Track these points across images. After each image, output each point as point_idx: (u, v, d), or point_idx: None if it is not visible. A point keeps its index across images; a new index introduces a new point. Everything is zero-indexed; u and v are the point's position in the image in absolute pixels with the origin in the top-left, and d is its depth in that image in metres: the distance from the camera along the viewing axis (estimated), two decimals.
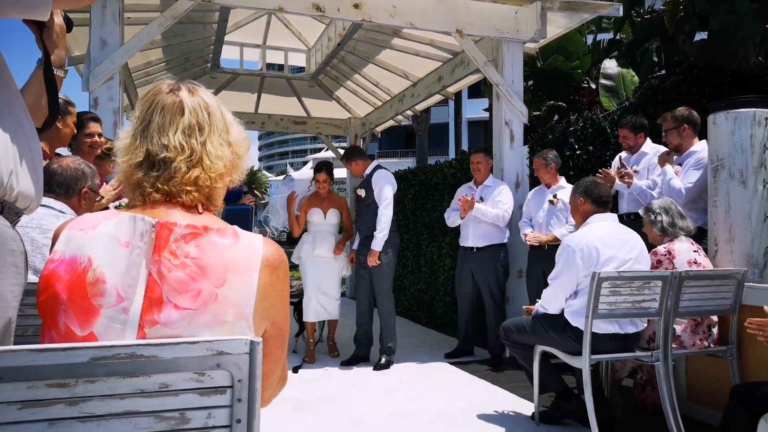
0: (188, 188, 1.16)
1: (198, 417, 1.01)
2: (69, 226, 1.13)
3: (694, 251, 3.27)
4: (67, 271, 1.07)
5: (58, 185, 2.29)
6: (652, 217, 3.36)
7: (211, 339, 1.01)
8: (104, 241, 1.09)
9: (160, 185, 1.15)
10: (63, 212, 2.23)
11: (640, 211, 3.50)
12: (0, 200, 1.30)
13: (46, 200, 2.22)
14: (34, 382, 0.92)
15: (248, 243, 1.14)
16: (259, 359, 1.04)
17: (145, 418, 0.99)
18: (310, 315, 4.95)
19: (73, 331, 1.05)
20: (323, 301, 4.95)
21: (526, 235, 4.68)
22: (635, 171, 4.21)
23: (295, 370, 4.57)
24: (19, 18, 1.32)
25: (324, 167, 5.08)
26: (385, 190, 4.74)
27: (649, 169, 4.25)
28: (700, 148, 3.93)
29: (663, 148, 4.26)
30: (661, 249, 3.27)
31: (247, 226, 4.75)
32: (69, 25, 1.48)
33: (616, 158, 4.56)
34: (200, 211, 1.17)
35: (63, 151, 3.13)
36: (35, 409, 0.93)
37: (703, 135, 3.69)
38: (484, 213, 4.82)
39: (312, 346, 4.95)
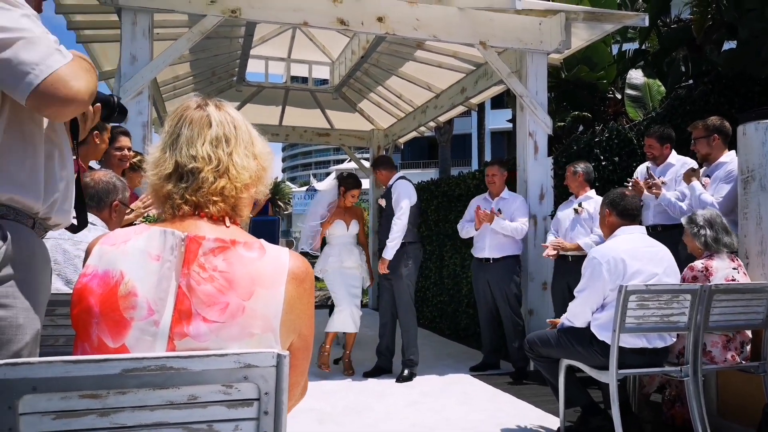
0: (215, 198, 1.19)
1: (225, 429, 1.03)
2: (101, 241, 1.16)
3: (734, 268, 3.20)
4: (100, 284, 1.10)
5: (90, 198, 2.34)
6: (695, 229, 3.28)
7: (239, 352, 1.03)
8: (136, 255, 1.12)
9: (188, 196, 1.18)
10: (94, 224, 2.28)
11: (683, 221, 3.40)
12: (32, 216, 1.34)
13: None
14: (67, 392, 0.95)
15: (275, 256, 1.16)
16: (285, 372, 1.05)
17: (174, 430, 1.00)
18: (338, 325, 4.87)
19: (106, 343, 1.07)
20: (354, 313, 4.91)
21: (546, 246, 4.63)
22: (663, 182, 4.14)
23: (336, 362, 4.99)
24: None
25: (358, 183, 5.10)
26: (401, 201, 4.75)
27: (676, 181, 4.18)
28: (729, 159, 3.85)
29: (689, 160, 4.19)
30: (698, 264, 3.21)
31: (273, 238, 4.78)
32: (124, 112, 1.51)
33: (642, 167, 4.49)
34: (227, 225, 1.20)
35: (93, 164, 3.21)
36: (68, 419, 0.96)
37: (732, 146, 3.63)
38: (503, 227, 4.80)
39: (328, 352, 4.87)
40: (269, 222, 4.67)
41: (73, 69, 1.24)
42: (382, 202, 4.96)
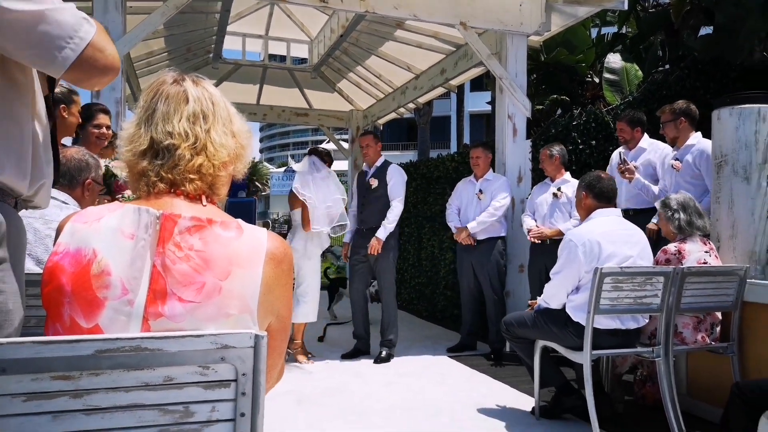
0: (191, 176, 1.16)
1: (202, 410, 1.01)
2: (73, 219, 1.12)
3: (705, 251, 3.26)
4: (72, 263, 1.07)
5: (62, 176, 2.28)
6: (669, 213, 3.33)
7: (215, 332, 1.01)
8: (109, 233, 1.08)
9: (164, 173, 1.15)
10: (66, 203, 2.23)
11: (657, 205, 3.47)
12: (16, 197, 1.29)
13: (52, 192, 2.22)
14: (38, 374, 0.92)
15: (252, 236, 1.14)
16: (263, 353, 1.04)
17: (149, 411, 0.98)
18: (303, 316, 4.64)
19: (79, 324, 1.05)
20: (316, 304, 4.82)
21: (529, 231, 4.67)
22: (635, 167, 4.20)
23: (321, 338, 5.25)
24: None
25: (331, 159, 5.00)
26: (400, 187, 4.81)
27: (660, 165, 4.20)
28: (696, 141, 3.96)
29: (662, 145, 4.25)
30: (671, 248, 3.26)
31: (250, 220, 4.64)
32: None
33: (615, 153, 4.55)
34: (204, 203, 1.18)
35: (68, 141, 3.13)
36: (40, 401, 0.93)
37: (707, 130, 3.68)
38: (483, 222, 4.85)
39: (302, 346, 4.70)
40: (246, 203, 4.54)
41: (101, 37, 1.22)
42: (374, 182, 4.89)
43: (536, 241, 4.58)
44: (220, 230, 1.12)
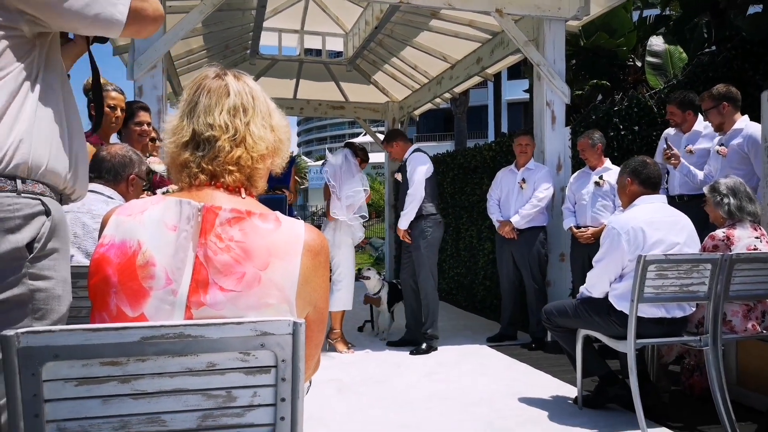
0: (231, 168, 1.19)
1: (244, 395, 1.04)
2: (117, 212, 1.16)
3: (756, 237, 3.14)
4: (117, 254, 1.11)
5: (107, 171, 2.36)
6: (718, 198, 3.22)
7: (255, 320, 1.04)
8: (152, 225, 1.12)
9: (205, 165, 1.19)
10: (112, 198, 2.30)
11: (705, 190, 3.35)
12: (60, 192, 1.38)
13: (95, 186, 2.30)
14: (88, 360, 0.96)
15: (290, 228, 1.16)
16: (301, 340, 1.05)
17: (193, 396, 1.02)
18: (342, 304, 4.76)
19: (125, 313, 1.09)
20: (351, 291, 4.87)
21: (573, 230, 4.59)
22: (689, 151, 4.06)
23: (361, 328, 5.39)
24: (90, 34, 1.44)
25: (367, 156, 5.06)
26: (416, 172, 4.72)
27: (743, 149, 3.98)
28: (743, 125, 3.77)
29: (757, 126, 4.02)
30: (719, 233, 3.15)
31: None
32: (105, 38, 1.52)
33: (663, 136, 4.41)
34: (243, 196, 1.21)
35: (113, 137, 3.23)
36: (90, 386, 0.97)
37: (757, 112, 3.53)
38: (527, 215, 4.80)
39: (341, 335, 4.77)
40: (276, 200, 4.60)
41: None
42: (399, 176, 4.92)
43: (591, 242, 4.41)
44: (259, 222, 1.14)
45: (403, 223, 4.76)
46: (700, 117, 4.21)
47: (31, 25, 1.27)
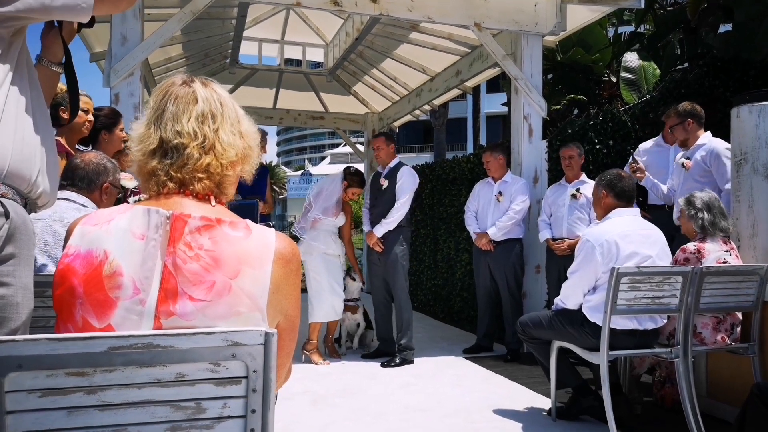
0: (200, 175, 1.18)
1: (213, 407, 1.03)
2: (82, 222, 1.14)
3: (726, 251, 3.21)
4: (83, 264, 1.09)
5: (81, 179, 2.33)
6: (693, 212, 3.28)
7: (226, 330, 1.03)
8: (119, 234, 1.10)
9: (173, 173, 1.17)
10: (84, 206, 2.27)
11: (680, 201, 3.43)
12: (25, 196, 1.34)
13: (68, 194, 2.26)
14: (53, 370, 0.94)
15: (261, 236, 1.16)
16: (273, 350, 1.05)
17: (161, 408, 1.00)
18: (321, 315, 4.75)
19: (91, 324, 1.07)
20: (335, 302, 4.80)
21: (549, 242, 4.65)
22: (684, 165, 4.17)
23: (338, 340, 5.12)
24: (62, 19, 1.40)
25: (363, 183, 5.06)
26: (407, 189, 4.75)
27: (705, 163, 4.07)
28: (706, 140, 3.97)
29: (718, 141, 4.10)
30: (690, 246, 3.22)
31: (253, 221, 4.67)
32: (92, 21, 1.51)
33: (637, 151, 4.57)
34: (213, 204, 1.19)
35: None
36: (55, 397, 0.95)
37: (727, 128, 3.63)
38: (504, 227, 4.84)
39: (317, 346, 4.74)
40: (246, 206, 4.54)
41: None
42: (384, 183, 4.89)
43: (567, 254, 4.46)
44: (229, 230, 1.13)
45: (379, 231, 4.75)
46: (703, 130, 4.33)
47: (5, 23, 1.25)
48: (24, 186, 1.33)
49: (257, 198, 4.68)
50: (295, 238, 4.82)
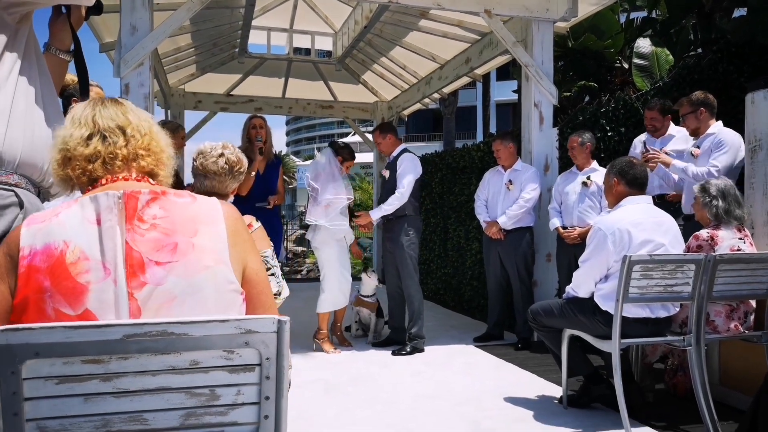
0: (142, 152, 1.25)
1: (227, 394, 1.04)
2: (25, 224, 1.13)
3: (740, 239, 3.18)
4: (43, 259, 1.08)
5: None
6: (707, 199, 3.24)
7: (240, 318, 1.04)
8: (75, 222, 1.11)
9: (118, 151, 1.23)
10: None
11: (695, 188, 3.40)
12: (38, 185, 1.35)
13: None
14: (70, 358, 0.96)
15: (206, 201, 1.23)
16: (286, 338, 1.05)
17: (176, 395, 1.01)
18: (329, 305, 4.69)
19: (65, 313, 1.06)
20: (343, 287, 4.75)
21: (559, 230, 4.62)
22: (666, 153, 4.14)
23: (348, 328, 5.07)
24: (68, 4, 1.40)
25: (353, 155, 4.95)
26: (407, 175, 4.68)
27: (711, 151, 4.10)
28: (716, 129, 3.90)
29: (728, 131, 4.13)
30: (704, 233, 3.19)
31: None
32: (100, 8, 1.51)
33: (637, 141, 4.48)
34: (152, 182, 1.26)
35: None
36: (71, 384, 0.97)
37: (742, 113, 3.59)
38: (514, 216, 4.82)
39: (328, 335, 4.73)
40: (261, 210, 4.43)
41: None
42: (386, 173, 4.90)
43: (577, 242, 4.44)
44: (176, 198, 1.19)
45: (376, 214, 4.74)
46: (672, 122, 4.32)
47: (9, 9, 1.25)
48: (37, 175, 1.34)
49: (268, 198, 4.68)
50: (307, 228, 4.79)
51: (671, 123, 4.34)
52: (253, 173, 4.22)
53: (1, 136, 1.25)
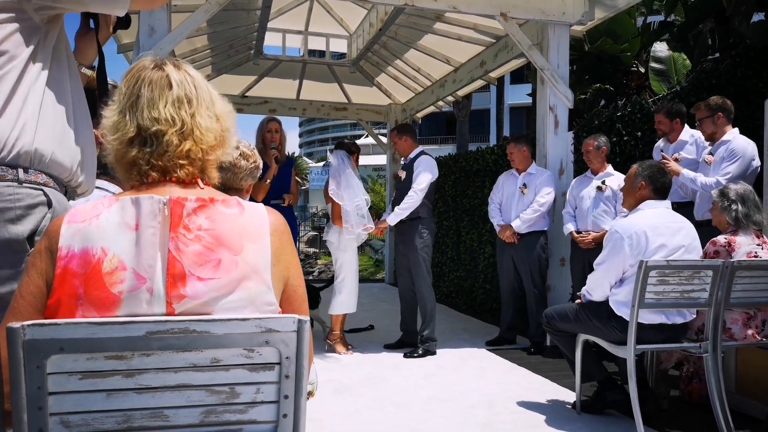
0: (181, 162, 1.17)
1: (247, 392, 1.04)
2: (67, 220, 1.10)
3: (757, 245, 3.14)
4: (80, 264, 1.06)
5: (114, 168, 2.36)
6: (726, 203, 3.21)
7: (260, 316, 1.04)
8: (114, 228, 1.08)
9: (154, 161, 1.15)
10: (113, 192, 2.30)
11: (713, 193, 3.37)
12: (65, 184, 1.37)
13: (102, 183, 2.30)
14: (93, 353, 0.97)
15: (254, 211, 1.18)
16: (306, 337, 1.06)
17: (197, 392, 1.02)
18: (343, 308, 4.68)
19: None
20: (357, 292, 4.78)
21: (573, 235, 4.60)
22: (676, 159, 4.10)
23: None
24: (100, 12, 1.42)
25: (358, 146, 4.98)
26: (422, 176, 4.68)
27: (723, 159, 4.08)
28: (731, 136, 3.85)
29: (699, 134, 4.12)
30: (721, 239, 3.15)
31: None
32: (128, 21, 1.53)
33: (656, 147, 4.43)
34: (201, 186, 1.19)
35: None
36: (95, 379, 0.98)
37: (761, 119, 3.55)
38: (528, 220, 4.80)
39: (341, 337, 4.72)
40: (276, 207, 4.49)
41: None
42: (402, 174, 4.89)
43: (592, 247, 4.41)
44: (224, 208, 1.15)
45: (392, 220, 4.74)
46: (686, 127, 4.25)
47: (39, 10, 1.27)
48: (65, 175, 1.35)
49: (283, 195, 4.70)
50: (319, 230, 4.79)
51: (686, 127, 4.27)
52: (269, 181, 4.24)
53: (31, 135, 1.26)
